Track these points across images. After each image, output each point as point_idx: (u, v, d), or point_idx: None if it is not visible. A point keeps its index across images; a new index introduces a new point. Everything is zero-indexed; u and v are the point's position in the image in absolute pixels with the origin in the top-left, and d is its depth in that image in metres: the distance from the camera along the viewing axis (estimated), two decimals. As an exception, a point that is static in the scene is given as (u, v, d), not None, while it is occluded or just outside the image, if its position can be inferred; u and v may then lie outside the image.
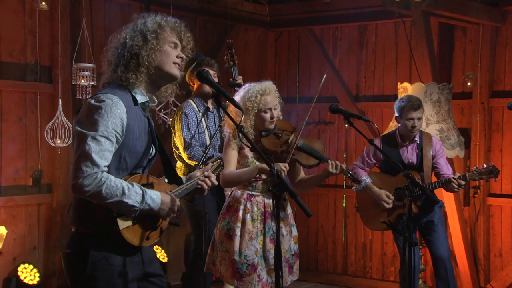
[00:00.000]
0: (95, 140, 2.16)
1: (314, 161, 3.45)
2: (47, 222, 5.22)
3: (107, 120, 2.18)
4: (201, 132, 4.35)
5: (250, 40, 6.96)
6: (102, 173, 2.16)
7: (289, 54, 7.05)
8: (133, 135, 2.28)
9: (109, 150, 2.19)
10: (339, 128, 6.66)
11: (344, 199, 6.68)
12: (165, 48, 2.33)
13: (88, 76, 4.63)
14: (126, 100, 2.27)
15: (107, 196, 2.15)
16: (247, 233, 3.35)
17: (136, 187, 2.23)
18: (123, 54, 2.30)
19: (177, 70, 2.36)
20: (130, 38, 2.31)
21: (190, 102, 4.39)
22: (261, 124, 3.40)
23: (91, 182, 2.14)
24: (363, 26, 6.55)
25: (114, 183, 2.17)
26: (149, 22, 2.33)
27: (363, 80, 6.59)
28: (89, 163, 2.14)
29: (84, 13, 4.89)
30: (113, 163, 2.24)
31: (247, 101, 3.36)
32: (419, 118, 4.38)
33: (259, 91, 3.38)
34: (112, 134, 2.19)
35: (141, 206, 2.22)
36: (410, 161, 4.44)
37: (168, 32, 2.34)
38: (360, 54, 6.59)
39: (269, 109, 3.37)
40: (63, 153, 5.03)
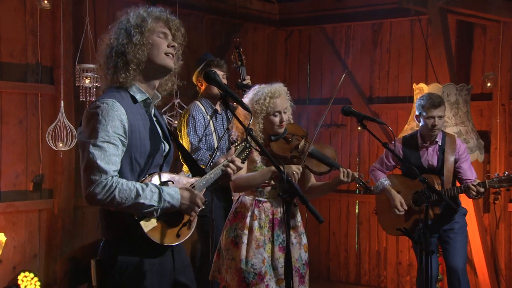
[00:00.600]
0: (97, 147, 2.18)
1: (325, 168, 3.45)
2: (48, 229, 5.25)
3: (105, 125, 2.20)
4: (208, 134, 4.36)
5: (259, 40, 6.97)
6: (112, 178, 2.18)
7: (300, 54, 7.05)
8: (139, 135, 2.29)
9: (115, 154, 2.20)
10: (351, 131, 6.66)
11: (357, 205, 6.66)
12: (152, 40, 2.33)
13: (91, 77, 4.66)
14: (124, 101, 2.28)
15: (122, 201, 2.17)
16: (254, 240, 3.34)
17: (151, 186, 2.24)
18: (111, 56, 2.31)
19: (169, 61, 2.36)
20: (115, 38, 2.32)
21: (197, 104, 4.41)
22: (270, 128, 3.40)
23: (102, 190, 2.16)
24: (377, 25, 6.55)
25: (127, 186, 2.19)
26: (131, 17, 2.34)
27: (377, 81, 6.58)
28: (95, 171, 2.16)
29: (87, 11, 4.91)
30: (126, 167, 2.26)
31: (255, 104, 3.36)
32: (440, 117, 4.30)
33: (268, 93, 3.38)
34: (114, 137, 2.21)
35: (159, 204, 2.23)
36: (430, 164, 4.37)
37: (153, 23, 2.34)
38: (373, 54, 6.58)
39: (278, 112, 3.37)
40: (65, 157, 5.06)
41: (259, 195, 3.41)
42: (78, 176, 5.39)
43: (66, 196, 5.26)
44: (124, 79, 2.30)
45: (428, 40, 6.01)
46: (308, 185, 3.55)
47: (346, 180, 3.37)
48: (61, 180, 5.22)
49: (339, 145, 6.69)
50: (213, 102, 4.44)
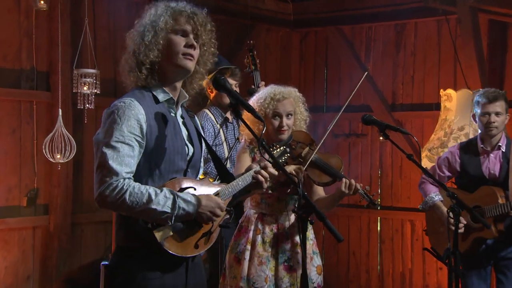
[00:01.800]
0: (110, 147, 2.22)
1: (327, 179, 3.44)
2: (43, 248, 5.27)
3: (120, 124, 2.23)
4: (218, 144, 4.38)
5: (272, 42, 7.00)
6: (124, 180, 2.20)
7: (316, 57, 7.08)
8: (159, 136, 2.31)
9: (130, 155, 2.23)
10: (372, 142, 6.65)
11: (379, 222, 6.64)
12: (167, 39, 2.33)
13: (90, 83, 4.69)
14: (145, 100, 2.31)
15: (133, 205, 2.19)
16: (257, 256, 3.34)
17: (166, 192, 2.25)
18: (128, 53, 2.37)
19: (187, 61, 2.34)
20: (132, 36, 2.36)
21: (206, 112, 4.43)
22: (271, 133, 3.42)
23: (112, 192, 2.19)
24: (400, 25, 6.56)
25: (139, 190, 2.20)
26: (149, 14, 2.36)
27: (400, 87, 6.58)
28: (106, 172, 2.20)
29: (86, 12, 4.95)
30: (144, 170, 2.29)
31: (256, 102, 3.42)
32: (498, 114, 4.08)
33: (271, 93, 3.41)
34: (129, 138, 2.23)
35: (173, 211, 2.24)
36: (492, 173, 4.14)
37: (170, 20, 2.33)
38: (396, 57, 6.58)
39: (278, 115, 3.38)
40: (63, 169, 5.09)
41: (264, 208, 3.41)
42: (76, 190, 5.42)
43: (63, 212, 5.29)
44: (135, 79, 2.35)
45: (457, 42, 6.01)
46: (315, 198, 3.54)
47: (347, 192, 3.34)
48: (57, 194, 5.25)
49: (358, 157, 6.68)
50: (223, 110, 4.46)
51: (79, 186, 5.47)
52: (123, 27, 5.63)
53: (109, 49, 5.56)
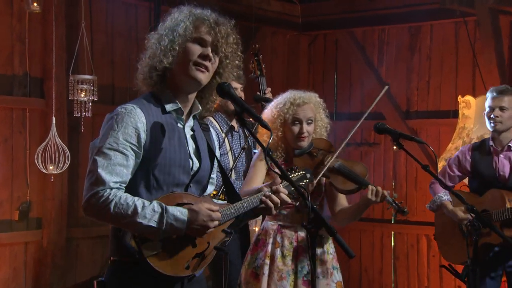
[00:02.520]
0: (102, 154, 2.24)
1: (351, 186, 3.45)
2: (35, 265, 5.29)
3: (117, 131, 2.25)
4: (223, 154, 4.39)
5: (278, 46, 7.03)
6: (111, 190, 2.22)
7: (325, 62, 7.10)
8: (160, 147, 2.32)
9: (122, 164, 2.24)
10: (385, 151, 6.66)
11: (393, 236, 6.64)
12: (184, 47, 2.34)
13: (87, 90, 4.72)
14: (150, 108, 2.33)
15: (118, 216, 2.20)
16: (276, 271, 3.34)
17: (155, 205, 2.25)
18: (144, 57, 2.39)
19: (198, 73, 2.35)
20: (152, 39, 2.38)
21: (210, 120, 4.44)
22: (290, 139, 3.45)
23: (97, 201, 2.20)
24: (415, 28, 6.58)
25: (125, 201, 2.21)
26: (172, 18, 2.38)
27: (415, 93, 6.59)
28: (95, 179, 2.21)
29: (83, 15, 4.98)
30: (140, 182, 2.30)
31: (275, 108, 3.45)
32: (503, 108, 4.13)
33: (291, 98, 3.44)
34: (124, 146, 2.24)
35: (160, 226, 2.23)
36: (501, 174, 4.18)
37: (191, 27, 2.34)
38: (411, 61, 6.60)
39: (298, 121, 3.41)
40: (56, 181, 5.11)
41: (282, 219, 3.43)
42: (71, 203, 5.44)
43: (57, 226, 5.30)
44: (143, 84, 2.37)
45: (476, 45, 6.02)
46: (337, 208, 3.54)
47: (374, 199, 3.33)
48: (51, 208, 5.27)
49: (371, 167, 6.68)
50: (229, 118, 4.47)
51: (74, 198, 5.49)
52: (121, 30, 5.76)
53: (107, 54, 5.60)
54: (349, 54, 6.89)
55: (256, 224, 5.33)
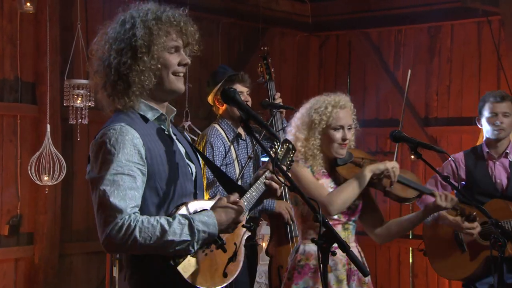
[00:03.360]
0: (109, 182, 2.22)
1: (413, 193, 3.43)
2: (26, 283, 5.30)
3: (116, 154, 2.24)
4: (229, 163, 4.38)
5: (287, 48, 7.06)
6: (129, 216, 2.22)
7: (337, 65, 7.12)
8: (160, 159, 2.33)
9: (132, 187, 2.24)
10: (402, 161, 6.65)
11: (411, 252, 6.63)
12: (162, 59, 2.36)
13: (84, 95, 4.75)
14: (135, 122, 2.33)
15: (146, 241, 2.21)
16: None
17: (179, 218, 2.25)
18: (108, 73, 2.35)
19: (178, 84, 2.41)
20: (114, 50, 2.34)
21: (216, 128, 4.44)
22: (328, 147, 3.38)
23: (119, 232, 2.20)
24: (434, 28, 6.59)
25: (148, 223, 2.22)
26: (138, 27, 2.34)
27: (435, 98, 6.60)
28: (109, 211, 2.21)
29: (78, 15, 5.04)
30: (151, 199, 2.31)
31: (314, 113, 3.38)
32: (506, 114, 4.22)
33: (331, 101, 3.39)
34: (129, 167, 2.24)
35: (194, 237, 2.25)
36: (498, 183, 4.27)
37: (164, 36, 2.36)
38: (430, 64, 6.61)
39: (341, 126, 3.36)
40: (50, 193, 5.14)
41: None
42: (65, 216, 5.46)
43: (50, 242, 5.32)
44: (122, 105, 2.36)
45: (501, 47, 6.03)
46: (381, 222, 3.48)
47: (445, 205, 3.32)
48: (44, 222, 5.29)
49: (388, 178, 6.68)
50: (235, 124, 4.48)
51: (68, 212, 5.52)
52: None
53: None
54: (363, 56, 6.91)
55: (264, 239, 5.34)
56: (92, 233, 5.61)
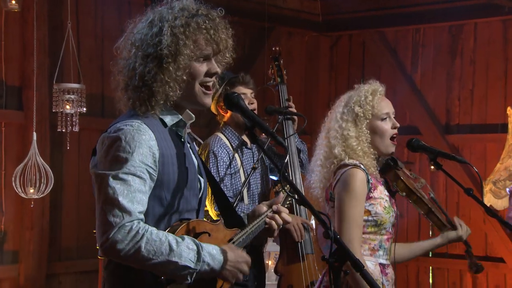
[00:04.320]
0: (119, 180, 2.24)
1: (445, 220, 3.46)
2: (11, 304, 5.32)
3: (131, 152, 2.27)
4: (233, 173, 4.38)
5: (295, 49, 7.07)
6: (139, 223, 2.23)
7: (350, 67, 7.13)
8: (172, 167, 2.35)
9: (142, 190, 2.26)
10: (421, 172, 6.65)
11: (431, 272, 6.62)
12: (189, 69, 2.39)
13: (74, 100, 4.76)
14: (153, 124, 2.36)
15: (149, 255, 2.21)
16: None
17: (188, 241, 2.27)
18: (133, 76, 2.39)
19: (206, 99, 2.44)
20: (141, 57, 2.38)
21: (219, 136, 4.44)
22: (378, 143, 3.32)
23: (125, 237, 2.20)
24: (456, 27, 6.60)
25: (157, 236, 2.22)
26: (165, 34, 2.37)
27: (456, 103, 6.60)
28: (117, 210, 2.21)
29: (69, 14, 5.02)
30: (153, 209, 2.33)
31: (356, 106, 3.33)
32: None
33: (369, 90, 3.37)
34: (141, 169, 2.27)
35: (197, 266, 2.26)
36: None
37: (191, 45, 2.38)
38: (451, 66, 6.61)
39: (387, 114, 3.33)
40: (37, 207, 5.14)
41: (382, 255, 3.30)
42: (53, 233, 5.47)
43: (37, 260, 5.32)
44: (143, 112, 2.38)
45: (528, 48, 6.04)
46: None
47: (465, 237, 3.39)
48: (29, 238, 5.30)
49: (405, 191, 6.68)
50: (240, 132, 4.49)
51: (56, 227, 5.52)
52: (113, 32, 5.79)
53: (97, 59, 5.67)
54: (378, 58, 6.92)
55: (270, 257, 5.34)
56: (82, 251, 5.62)
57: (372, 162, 3.26)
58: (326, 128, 3.41)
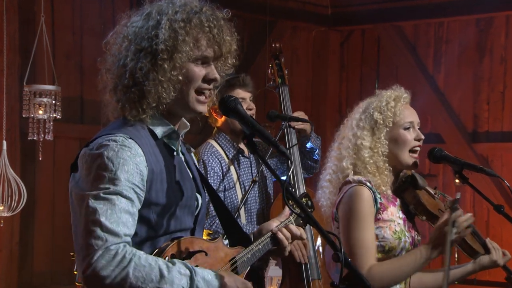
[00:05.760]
0: (102, 200, 2.25)
1: (480, 248, 3.46)
2: (-23, 337, 5.31)
3: (114, 170, 2.27)
4: (229, 188, 4.38)
5: (300, 45, 7.08)
6: (125, 246, 2.23)
7: (363, 66, 7.13)
8: (161, 185, 2.36)
9: (129, 211, 2.27)
10: (445, 186, 6.65)
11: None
12: (185, 70, 2.40)
13: (48, 104, 4.75)
14: (140, 137, 2.37)
15: (138, 283, 2.21)
16: None
17: (180, 265, 2.27)
18: (123, 74, 2.40)
19: (201, 107, 2.45)
20: (134, 52, 2.39)
21: (211, 144, 4.44)
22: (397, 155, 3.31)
23: (110, 261, 2.20)
24: (484, 20, 6.60)
25: (146, 261, 2.23)
26: (163, 27, 2.38)
27: (485, 108, 6.60)
28: (99, 231, 2.21)
29: (42, 7, 5.01)
30: (140, 232, 2.33)
31: (374, 111, 3.34)
32: None
33: (391, 95, 3.37)
34: (127, 188, 2.27)
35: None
36: None
37: (190, 43, 2.39)
38: (479, 66, 6.62)
39: (411, 124, 3.33)
40: (7, 226, 5.13)
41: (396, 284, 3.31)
42: (23, 255, 5.46)
43: (6, 286, 5.31)
44: (133, 116, 2.40)
45: None
46: None
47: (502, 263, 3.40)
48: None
49: (426, 208, 6.68)
50: (236, 139, 4.50)
51: (27, 249, 5.52)
52: (94, 26, 5.80)
53: (74, 56, 5.67)
54: (395, 56, 6.93)
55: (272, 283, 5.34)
56: (57, 276, 5.62)
57: (385, 180, 3.25)
58: (340, 137, 3.42)
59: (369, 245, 3.16)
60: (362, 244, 3.14)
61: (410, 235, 3.29)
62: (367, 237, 3.15)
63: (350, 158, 3.29)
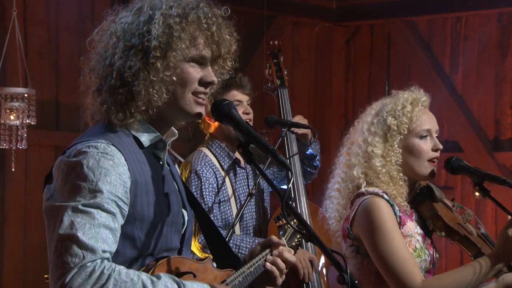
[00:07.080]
0: (80, 213, 2.24)
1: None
2: None
3: (95, 181, 2.27)
4: (223, 200, 4.39)
5: (302, 42, 7.11)
6: (102, 261, 2.22)
7: (372, 65, 7.15)
8: (147, 198, 2.37)
9: (109, 227, 2.26)
10: (463, 199, 6.66)
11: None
12: (180, 70, 2.41)
13: (20, 108, 4.77)
14: (123, 144, 2.37)
15: None
16: None
17: (166, 279, 2.28)
18: (109, 74, 2.40)
19: (198, 108, 2.45)
20: (122, 49, 2.39)
21: (204, 152, 4.45)
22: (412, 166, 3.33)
23: (86, 280, 2.19)
24: (507, 15, 6.62)
25: (127, 276, 2.23)
26: (156, 22, 2.38)
27: (508, 112, 6.61)
28: (75, 248, 2.21)
29: (14, 1, 5.03)
30: (123, 251, 2.33)
31: (388, 115, 3.34)
32: None
33: (408, 98, 3.37)
34: (109, 201, 2.27)
35: None
36: None
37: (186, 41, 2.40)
38: (502, 65, 6.63)
39: (428, 132, 3.35)
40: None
41: None
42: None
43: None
44: (120, 120, 2.39)
45: None
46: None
47: None
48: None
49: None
50: (231, 148, 4.50)
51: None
52: (70, 21, 5.81)
53: (49, 55, 5.68)
54: (408, 54, 6.95)
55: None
56: (29, 300, 5.62)
57: (400, 191, 3.26)
58: (350, 142, 3.43)
59: (406, 255, 3.15)
60: (398, 256, 3.14)
61: (429, 253, 3.31)
62: (400, 246, 3.15)
63: (360, 166, 3.29)
